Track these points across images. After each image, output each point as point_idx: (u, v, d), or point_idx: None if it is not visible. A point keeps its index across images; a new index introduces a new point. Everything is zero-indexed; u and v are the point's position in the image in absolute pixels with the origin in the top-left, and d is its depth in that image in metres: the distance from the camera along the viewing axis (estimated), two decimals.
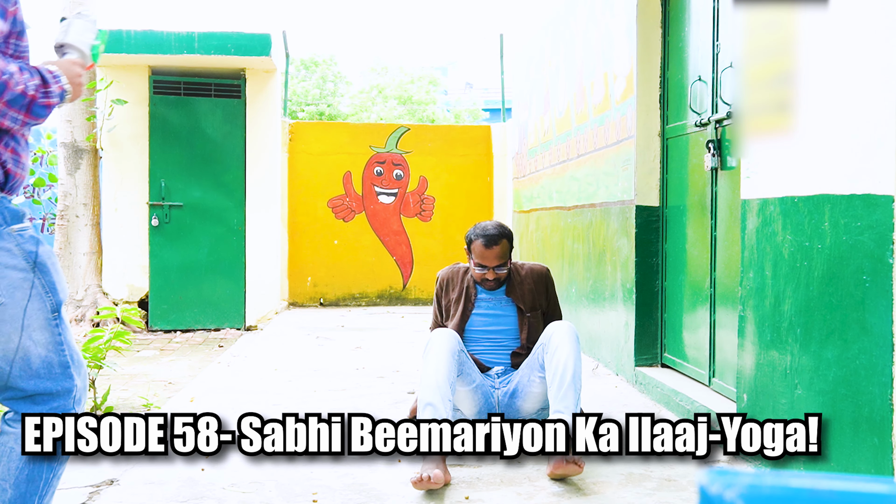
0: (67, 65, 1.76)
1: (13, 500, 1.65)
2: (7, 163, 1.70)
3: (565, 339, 2.84)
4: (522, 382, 3.00)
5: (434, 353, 2.81)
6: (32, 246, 1.69)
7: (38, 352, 1.68)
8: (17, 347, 1.66)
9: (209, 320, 6.53)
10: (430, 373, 2.77)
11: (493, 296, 3.15)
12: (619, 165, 4.41)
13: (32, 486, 1.67)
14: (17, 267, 1.66)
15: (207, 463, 2.82)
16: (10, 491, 1.64)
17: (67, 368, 1.73)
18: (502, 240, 3.02)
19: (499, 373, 3.09)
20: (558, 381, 2.75)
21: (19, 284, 1.66)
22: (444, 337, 2.86)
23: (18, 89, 1.60)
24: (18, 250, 1.66)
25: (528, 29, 7.14)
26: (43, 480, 1.69)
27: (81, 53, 1.84)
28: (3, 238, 1.65)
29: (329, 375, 4.50)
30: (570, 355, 2.79)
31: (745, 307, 2.81)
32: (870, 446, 2.12)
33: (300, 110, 20.68)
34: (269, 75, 6.76)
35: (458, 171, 8.59)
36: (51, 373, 1.70)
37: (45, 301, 1.69)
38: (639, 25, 4.13)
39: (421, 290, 8.47)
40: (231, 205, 6.55)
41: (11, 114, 1.62)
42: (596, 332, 4.87)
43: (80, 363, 1.78)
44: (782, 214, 2.55)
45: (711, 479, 0.67)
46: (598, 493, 2.53)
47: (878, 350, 2.08)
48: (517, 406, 3.03)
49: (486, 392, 3.02)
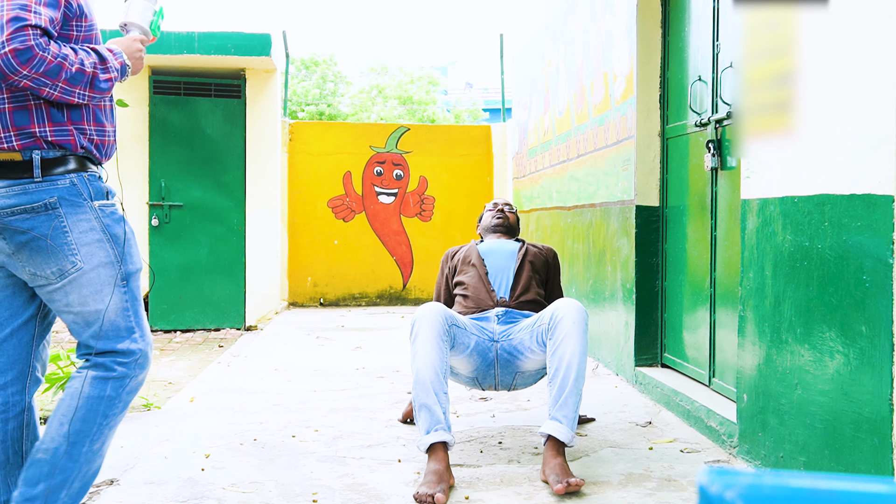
0: (127, 41, 2.01)
1: (70, 434, 1.87)
2: (92, 135, 1.96)
3: (573, 329, 2.70)
4: (523, 345, 2.91)
5: (420, 344, 2.69)
6: (111, 220, 1.94)
7: (107, 315, 1.91)
8: (93, 310, 1.90)
9: (209, 320, 6.53)
10: (419, 368, 2.65)
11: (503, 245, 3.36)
12: (619, 165, 4.41)
13: (86, 427, 1.89)
14: (96, 238, 1.90)
15: (207, 463, 2.82)
16: (66, 426, 1.86)
17: (132, 333, 1.96)
18: (509, 205, 3.55)
19: (499, 314, 3.04)
20: (559, 383, 2.65)
21: (96, 253, 1.90)
22: (427, 320, 2.72)
23: (74, 68, 1.81)
24: (98, 223, 1.91)
25: (528, 29, 7.14)
26: (96, 424, 1.90)
27: (142, 30, 2.08)
28: (86, 211, 1.90)
29: (329, 375, 4.50)
30: (575, 351, 2.67)
31: (745, 307, 2.81)
32: (870, 446, 2.12)
33: (300, 110, 20.68)
34: (269, 75, 6.76)
35: (458, 171, 8.59)
36: (117, 335, 1.93)
37: (116, 270, 1.93)
38: (639, 25, 4.13)
39: (421, 290, 8.46)
40: (231, 205, 6.55)
41: (77, 91, 1.84)
42: (596, 332, 4.87)
43: (145, 332, 2.00)
44: (782, 214, 2.55)
45: (711, 479, 0.66)
46: (597, 494, 2.53)
47: (878, 350, 2.08)
48: (516, 363, 2.95)
49: (483, 349, 2.93)
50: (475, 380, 3.04)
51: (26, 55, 1.71)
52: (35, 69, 1.73)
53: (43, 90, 1.79)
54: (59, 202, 1.87)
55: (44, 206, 1.86)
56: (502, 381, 3.04)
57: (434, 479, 2.48)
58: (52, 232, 1.85)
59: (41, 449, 1.86)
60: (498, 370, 3.00)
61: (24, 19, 1.71)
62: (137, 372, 1.97)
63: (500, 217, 3.47)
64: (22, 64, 1.71)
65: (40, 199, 1.86)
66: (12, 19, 1.70)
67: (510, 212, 3.53)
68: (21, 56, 1.71)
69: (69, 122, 1.90)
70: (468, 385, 3.11)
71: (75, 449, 1.86)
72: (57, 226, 1.86)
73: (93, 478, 1.95)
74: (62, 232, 1.87)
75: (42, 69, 1.74)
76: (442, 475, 2.50)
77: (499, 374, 3.01)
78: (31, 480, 1.85)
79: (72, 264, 1.87)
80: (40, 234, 1.85)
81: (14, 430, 1.99)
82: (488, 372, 3.00)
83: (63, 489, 1.86)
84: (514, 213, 3.56)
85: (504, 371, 3.00)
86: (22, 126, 1.86)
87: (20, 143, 1.86)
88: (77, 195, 1.89)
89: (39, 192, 1.86)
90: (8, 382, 1.99)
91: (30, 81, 1.75)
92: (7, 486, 1.99)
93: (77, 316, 1.91)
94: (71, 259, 1.87)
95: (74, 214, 1.88)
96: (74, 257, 1.87)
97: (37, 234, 1.85)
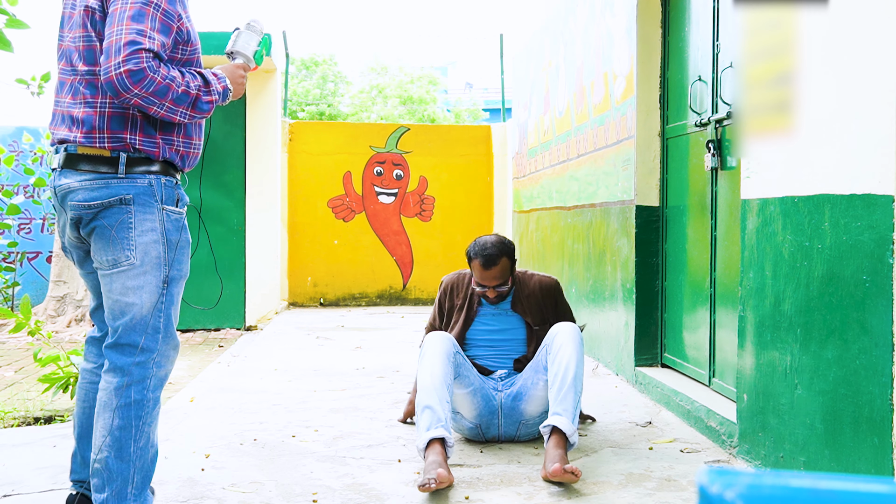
0: (231, 68, 2.22)
1: (114, 443, 2.02)
2: (179, 146, 2.14)
3: (568, 339, 2.83)
4: (526, 385, 2.97)
5: (428, 357, 2.80)
6: (172, 226, 2.09)
7: (141, 310, 2.04)
8: (129, 301, 2.04)
9: (209, 320, 6.53)
10: (426, 376, 2.76)
11: (497, 308, 3.14)
12: (619, 165, 4.41)
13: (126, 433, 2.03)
14: (153, 239, 2.05)
15: (207, 462, 2.82)
16: (108, 437, 2.02)
17: (157, 333, 2.07)
18: (501, 259, 2.99)
19: (502, 376, 3.07)
20: (559, 383, 2.75)
21: (150, 252, 2.04)
22: (437, 340, 2.85)
23: (181, 90, 1.99)
24: (160, 226, 2.06)
25: (527, 29, 7.14)
26: (134, 427, 2.04)
27: (246, 58, 2.27)
28: (153, 212, 2.05)
29: (329, 375, 4.50)
30: (572, 357, 2.79)
31: (745, 307, 2.80)
32: (870, 446, 2.12)
33: (300, 110, 20.67)
34: (268, 75, 6.76)
35: (458, 171, 8.59)
36: (144, 330, 2.05)
37: (161, 271, 2.06)
38: (639, 25, 4.13)
39: (421, 290, 8.46)
40: (231, 205, 6.55)
41: (181, 110, 2.02)
42: (596, 332, 4.87)
43: (169, 334, 2.10)
44: (782, 214, 2.55)
45: (711, 479, 0.66)
46: (597, 494, 2.53)
47: (878, 350, 2.08)
48: (520, 409, 3.00)
49: (487, 395, 2.99)
50: (478, 427, 3.04)
51: (139, 76, 1.90)
52: (145, 89, 1.91)
53: (151, 108, 1.97)
54: (133, 199, 2.03)
55: (119, 200, 2.02)
56: (506, 431, 3.05)
57: (433, 466, 2.50)
58: (118, 224, 2.02)
59: (96, 460, 2.03)
60: (502, 420, 3.02)
61: (139, 43, 1.91)
62: (156, 370, 2.08)
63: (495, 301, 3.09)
64: (134, 84, 1.90)
65: (118, 194, 2.02)
66: (129, 42, 1.90)
67: (502, 286, 3.04)
68: (134, 77, 1.89)
69: (159, 134, 2.08)
70: (472, 435, 3.07)
71: (123, 452, 2.02)
72: (124, 220, 2.03)
73: (151, 465, 2.10)
74: (127, 227, 2.03)
75: (152, 89, 1.92)
76: (441, 464, 2.51)
77: (502, 425, 3.03)
78: (98, 488, 2.03)
79: (125, 258, 2.03)
80: (108, 224, 2.03)
81: None
82: (492, 421, 3.02)
83: (127, 486, 2.03)
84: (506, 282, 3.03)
85: (508, 421, 3.02)
86: (116, 131, 2.03)
87: (110, 145, 2.03)
88: (150, 195, 2.05)
89: (118, 187, 2.02)
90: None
91: (140, 100, 1.93)
92: None
93: (115, 303, 2.05)
94: (126, 253, 2.03)
95: (142, 213, 2.04)
96: (129, 252, 2.03)
97: (106, 223, 2.03)
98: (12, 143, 8.21)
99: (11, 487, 2.58)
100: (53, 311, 6.95)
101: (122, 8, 1.94)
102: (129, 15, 1.93)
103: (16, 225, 8.07)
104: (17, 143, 8.22)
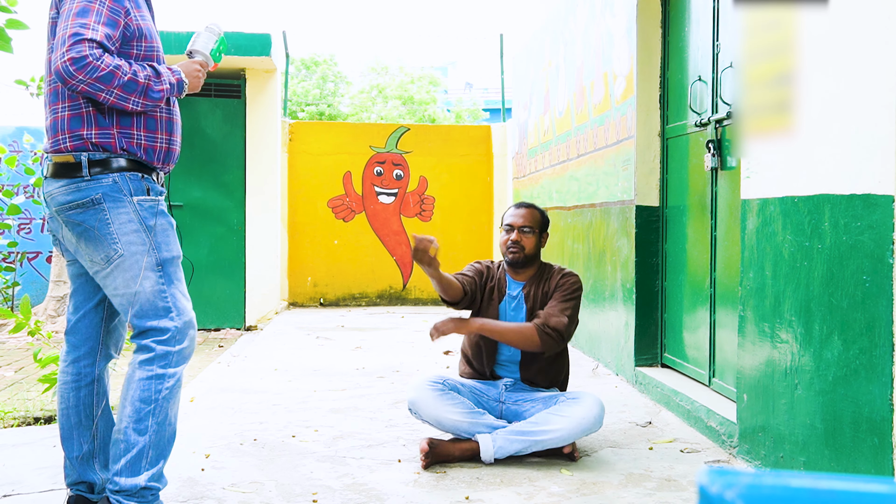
0: (187, 63, 2.34)
1: (133, 413, 2.12)
2: (140, 140, 2.21)
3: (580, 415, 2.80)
4: (531, 413, 2.93)
5: (425, 410, 2.89)
6: (147, 213, 2.19)
7: (144, 296, 2.16)
8: (132, 291, 2.15)
9: (209, 320, 6.52)
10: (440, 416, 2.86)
11: (515, 299, 3.05)
12: (619, 165, 4.41)
13: (145, 405, 2.13)
14: (134, 229, 2.16)
15: (207, 462, 2.82)
16: (129, 407, 2.13)
17: (169, 312, 2.19)
18: (532, 208, 3.09)
19: (507, 385, 3.03)
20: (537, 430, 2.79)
21: (134, 241, 2.16)
22: (420, 387, 2.93)
23: (127, 77, 2.07)
24: (136, 216, 2.17)
25: (528, 29, 7.14)
26: (153, 402, 2.14)
27: (204, 56, 2.41)
28: (126, 206, 2.16)
29: (329, 375, 4.50)
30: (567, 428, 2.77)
31: (745, 307, 2.80)
32: (870, 446, 2.12)
33: (300, 110, 20.67)
34: (269, 75, 6.76)
35: (458, 171, 8.59)
36: (155, 313, 2.17)
37: (152, 256, 2.18)
38: (639, 25, 4.13)
39: (421, 290, 8.46)
40: (231, 205, 6.55)
41: (132, 98, 2.11)
42: (596, 331, 4.87)
43: (182, 311, 2.22)
44: (782, 214, 2.55)
45: (711, 479, 0.66)
46: (598, 493, 2.53)
47: (878, 350, 2.08)
48: (522, 417, 2.98)
49: (489, 407, 2.99)
50: None
51: (81, 62, 2.00)
52: (89, 75, 2.01)
53: (99, 95, 2.06)
54: (103, 198, 2.15)
55: (91, 201, 2.15)
56: None
57: None
58: (98, 223, 2.15)
59: (116, 430, 2.14)
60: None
61: (81, 34, 2.03)
62: (177, 346, 2.20)
63: (514, 251, 3.03)
64: (78, 70, 2.00)
65: (88, 195, 2.15)
66: (72, 35, 2.03)
67: (527, 233, 3.03)
68: (76, 63, 2.00)
69: (116, 127, 2.18)
70: None
71: (140, 424, 2.13)
72: (102, 218, 2.15)
73: (168, 445, 2.19)
74: (106, 223, 2.15)
75: (96, 75, 2.02)
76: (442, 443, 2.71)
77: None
78: (114, 457, 2.13)
79: (115, 251, 2.15)
80: (90, 226, 2.15)
81: (86, 396, 2.33)
82: None
83: (141, 459, 2.12)
84: (533, 230, 3.04)
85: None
86: (74, 130, 2.16)
87: (72, 144, 2.16)
88: (118, 192, 2.16)
89: (88, 189, 2.15)
90: (81, 356, 2.33)
91: (86, 86, 2.03)
92: (80, 444, 2.31)
93: (122, 298, 2.18)
94: (114, 247, 2.15)
95: (116, 209, 2.16)
96: (116, 245, 2.15)
97: (88, 225, 2.15)
98: (13, 143, 8.22)
99: (11, 487, 2.58)
100: (53, 311, 6.95)
101: (69, 7, 2.08)
102: (74, 12, 2.06)
103: (16, 225, 8.08)
104: (17, 144, 8.22)
